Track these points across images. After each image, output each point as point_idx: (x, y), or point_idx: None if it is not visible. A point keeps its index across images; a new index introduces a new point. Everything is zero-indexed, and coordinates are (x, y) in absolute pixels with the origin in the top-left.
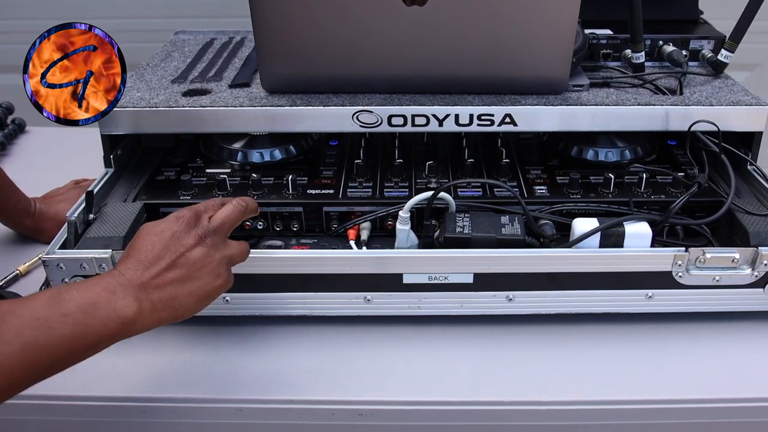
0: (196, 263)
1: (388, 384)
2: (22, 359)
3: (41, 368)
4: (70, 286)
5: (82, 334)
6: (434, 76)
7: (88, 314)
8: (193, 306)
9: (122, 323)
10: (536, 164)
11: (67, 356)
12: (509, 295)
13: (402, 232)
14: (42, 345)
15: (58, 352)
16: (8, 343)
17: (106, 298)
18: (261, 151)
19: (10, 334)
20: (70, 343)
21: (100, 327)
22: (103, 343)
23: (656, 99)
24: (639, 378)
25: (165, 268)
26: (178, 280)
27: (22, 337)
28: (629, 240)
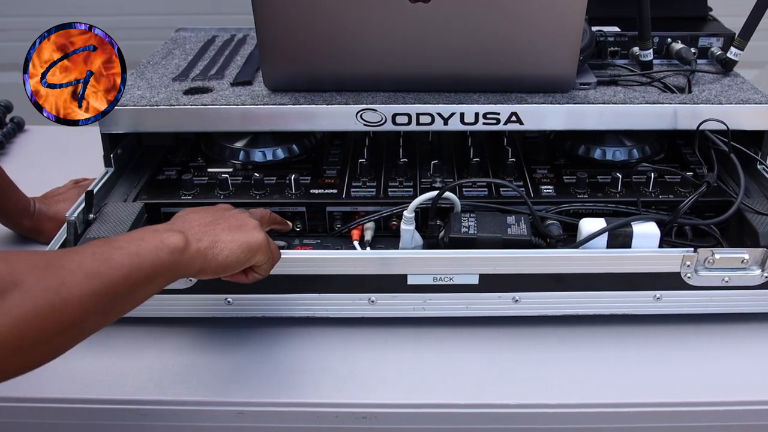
0: (236, 221)
1: (392, 386)
2: (89, 288)
3: (107, 299)
4: (112, 236)
5: (138, 264)
6: (439, 74)
7: (140, 246)
8: (235, 251)
9: (171, 252)
10: (543, 163)
11: (127, 288)
12: (515, 296)
13: (406, 233)
14: (103, 274)
15: (118, 281)
16: (73, 273)
17: (151, 234)
18: (263, 150)
19: (72, 264)
20: (128, 272)
21: (153, 256)
22: (159, 276)
23: (664, 97)
24: (647, 380)
25: (209, 222)
26: (222, 229)
27: (84, 268)
28: (637, 240)
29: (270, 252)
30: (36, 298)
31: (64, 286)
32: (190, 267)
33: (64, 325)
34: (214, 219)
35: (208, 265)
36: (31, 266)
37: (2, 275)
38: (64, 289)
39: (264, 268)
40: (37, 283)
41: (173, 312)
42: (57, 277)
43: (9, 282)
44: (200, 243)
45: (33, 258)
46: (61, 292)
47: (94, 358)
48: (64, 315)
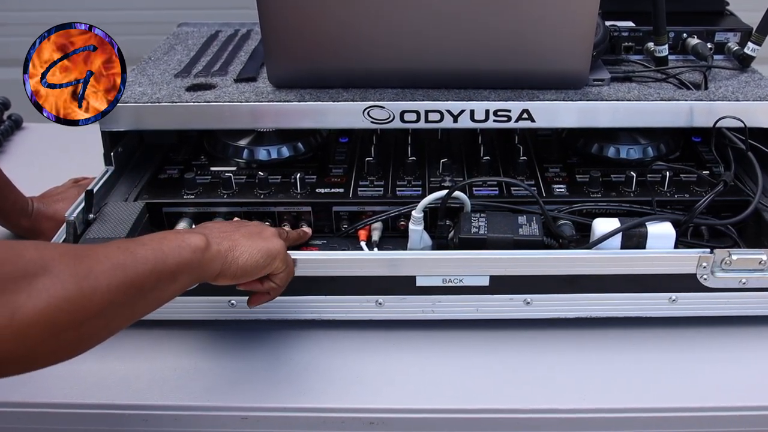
0: (256, 229)
1: (400, 391)
2: (116, 278)
3: (132, 292)
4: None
5: (162, 260)
6: (449, 69)
7: (162, 243)
8: (255, 255)
9: (193, 250)
10: (555, 162)
11: (152, 283)
12: (527, 298)
13: (415, 233)
14: (129, 266)
15: (144, 274)
16: (100, 262)
17: (173, 234)
18: (268, 149)
19: (99, 255)
20: (152, 266)
21: (176, 254)
22: (181, 274)
23: (680, 94)
24: (662, 385)
25: (230, 229)
26: (242, 235)
27: (111, 259)
28: (652, 241)
29: (287, 262)
30: (65, 283)
31: (92, 273)
32: (211, 268)
33: (92, 313)
34: (234, 227)
35: (228, 268)
36: (60, 253)
37: (33, 260)
38: (93, 276)
39: (281, 277)
40: (66, 269)
41: (176, 315)
42: (85, 265)
43: (39, 266)
44: (221, 245)
45: (62, 247)
46: (89, 279)
47: (96, 362)
48: (93, 302)
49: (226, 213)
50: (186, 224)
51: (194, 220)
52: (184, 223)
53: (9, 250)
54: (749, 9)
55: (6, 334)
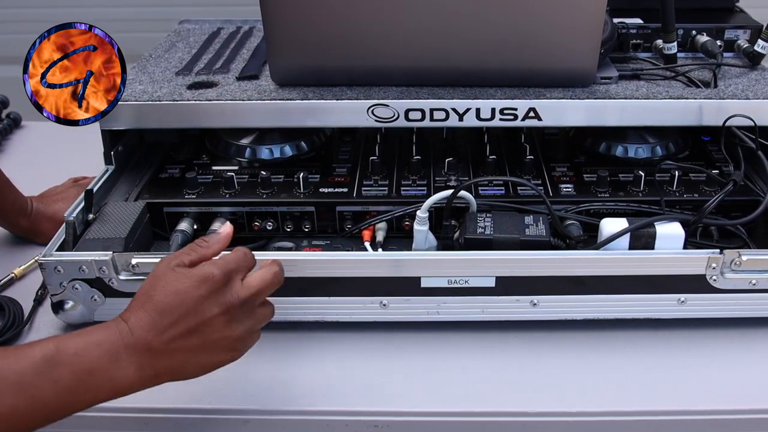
0: (214, 335)
1: (405, 394)
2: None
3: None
4: (70, 340)
5: (69, 403)
6: (454, 67)
7: (81, 383)
8: (198, 374)
9: (116, 392)
10: (562, 161)
11: (47, 421)
12: (533, 299)
13: (420, 233)
14: (21, 413)
15: (37, 417)
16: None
17: (105, 365)
18: (270, 148)
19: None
20: (52, 410)
21: (91, 396)
22: (89, 407)
23: (689, 92)
24: (671, 388)
25: (181, 334)
26: (191, 349)
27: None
28: (660, 241)
29: (244, 351)
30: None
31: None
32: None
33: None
34: (192, 330)
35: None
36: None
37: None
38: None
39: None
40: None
41: None
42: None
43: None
44: (157, 377)
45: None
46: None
47: None
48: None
49: (229, 213)
50: (187, 224)
51: (196, 220)
52: (186, 223)
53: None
54: (760, 6)
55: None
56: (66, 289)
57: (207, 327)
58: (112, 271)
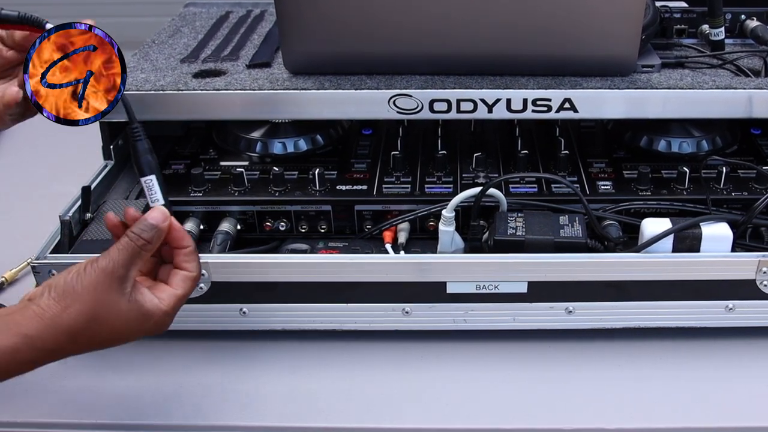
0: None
1: (428, 409)
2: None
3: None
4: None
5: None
6: (483, 54)
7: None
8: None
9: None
10: (600, 156)
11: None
12: (569, 306)
13: (445, 234)
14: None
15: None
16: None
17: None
18: (283, 141)
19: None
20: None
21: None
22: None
23: (738, 81)
24: (718, 401)
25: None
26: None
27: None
28: (707, 243)
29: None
30: None
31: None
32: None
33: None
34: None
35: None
36: None
37: None
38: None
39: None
40: None
41: (180, 325)
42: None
43: None
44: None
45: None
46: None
47: (91, 378)
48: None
49: (238, 212)
50: (193, 224)
51: (202, 220)
52: (191, 222)
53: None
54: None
55: None
56: None
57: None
58: None
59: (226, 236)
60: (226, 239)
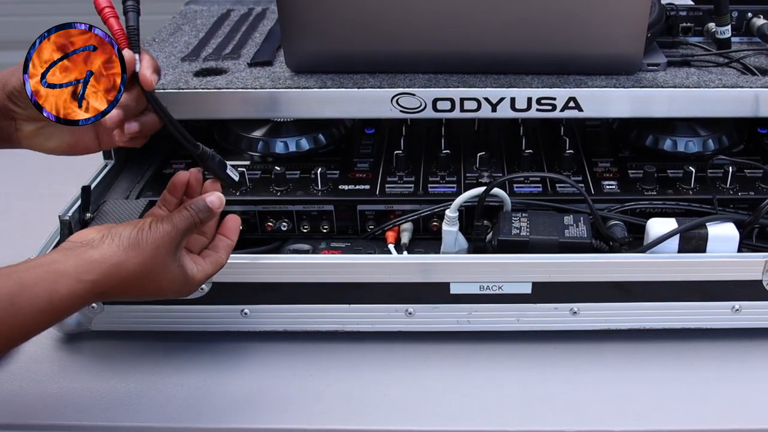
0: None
1: (433, 411)
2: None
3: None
4: (35, 278)
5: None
6: (487, 52)
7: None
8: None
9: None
10: (605, 156)
11: None
12: (573, 307)
13: (449, 235)
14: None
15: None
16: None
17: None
18: (285, 141)
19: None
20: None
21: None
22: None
23: (744, 80)
24: (725, 404)
25: (140, 296)
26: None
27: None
28: (713, 244)
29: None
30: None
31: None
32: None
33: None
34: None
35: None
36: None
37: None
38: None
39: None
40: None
41: (181, 326)
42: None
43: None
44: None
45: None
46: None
47: (92, 380)
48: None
49: (240, 212)
50: None
51: None
52: None
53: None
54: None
55: None
56: None
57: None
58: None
59: None
60: None
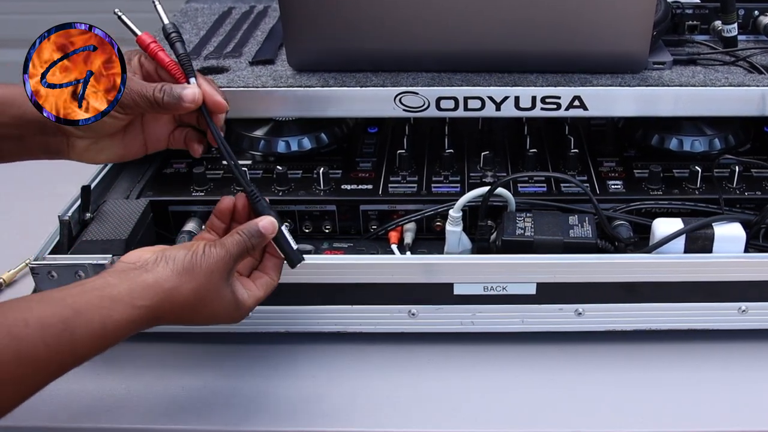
0: (218, 311)
1: (436, 413)
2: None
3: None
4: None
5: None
6: (491, 50)
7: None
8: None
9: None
10: (610, 155)
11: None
12: (578, 308)
13: (452, 235)
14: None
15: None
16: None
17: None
18: (287, 140)
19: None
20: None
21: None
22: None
23: (751, 79)
24: (731, 406)
25: (192, 322)
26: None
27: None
28: (719, 244)
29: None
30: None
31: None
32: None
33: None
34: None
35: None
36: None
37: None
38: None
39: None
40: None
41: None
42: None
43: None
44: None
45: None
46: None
47: (91, 381)
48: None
49: None
50: (195, 224)
51: (204, 220)
52: (193, 222)
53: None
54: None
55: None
56: None
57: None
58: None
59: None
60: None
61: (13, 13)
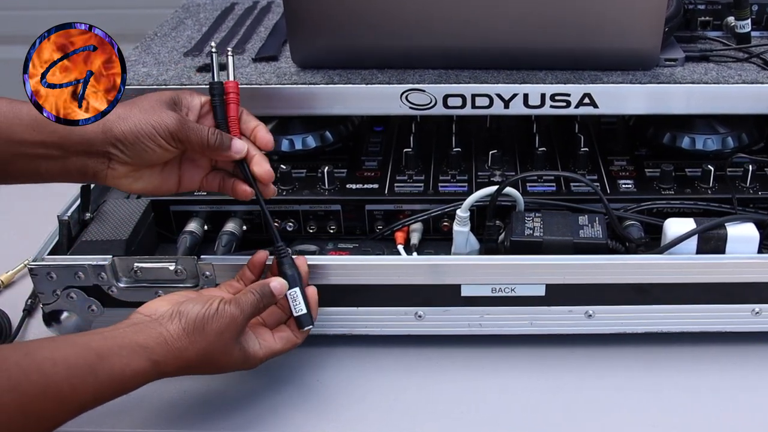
0: (225, 356)
1: (444, 417)
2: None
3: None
4: (110, 356)
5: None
6: (499, 47)
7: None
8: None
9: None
10: (621, 154)
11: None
12: (588, 310)
13: (460, 235)
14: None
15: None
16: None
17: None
18: (291, 138)
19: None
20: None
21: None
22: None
23: (765, 76)
24: (744, 409)
25: (197, 373)
26: (195, 366)
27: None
28: (732, 244)
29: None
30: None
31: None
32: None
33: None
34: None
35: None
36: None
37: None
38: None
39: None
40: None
41: None
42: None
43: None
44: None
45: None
46: None
47: None
48: None
49: (244, 212)
50: (197, 225)
51: (206, 221)
52: (195, 223)
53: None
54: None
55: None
56: (60, 298)
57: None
58: (112, 277)
59: (231, 237)
60: (231, 240)
61: (15, 9)
